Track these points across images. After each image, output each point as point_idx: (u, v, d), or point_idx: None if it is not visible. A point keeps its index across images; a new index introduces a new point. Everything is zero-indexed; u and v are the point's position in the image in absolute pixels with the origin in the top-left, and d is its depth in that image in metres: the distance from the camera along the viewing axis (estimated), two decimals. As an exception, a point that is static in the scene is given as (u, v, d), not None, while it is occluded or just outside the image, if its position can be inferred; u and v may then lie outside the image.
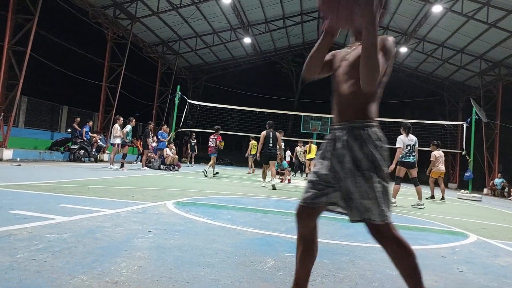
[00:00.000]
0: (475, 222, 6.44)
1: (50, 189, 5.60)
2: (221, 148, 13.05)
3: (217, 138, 12.74)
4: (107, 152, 16.12)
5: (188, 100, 17.57)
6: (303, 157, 16.10)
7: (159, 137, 14.41)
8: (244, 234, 3.66)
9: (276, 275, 2.49)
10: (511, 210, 10.14)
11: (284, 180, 12.50)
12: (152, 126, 14.83)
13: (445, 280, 2.74)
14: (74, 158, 14.02)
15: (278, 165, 12.55)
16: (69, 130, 16.61)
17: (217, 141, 12.74)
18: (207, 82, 28.55)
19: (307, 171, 15.70)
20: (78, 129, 14.74)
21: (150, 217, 4.12)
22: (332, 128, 1.88)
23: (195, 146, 20.47)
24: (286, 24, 22.66)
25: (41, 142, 15.09)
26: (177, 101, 16.28)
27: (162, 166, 13.92)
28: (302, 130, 23.63)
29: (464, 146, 14.71)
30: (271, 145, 9.99)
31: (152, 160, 14.34)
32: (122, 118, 12.61)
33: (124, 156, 12.36)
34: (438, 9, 16.36)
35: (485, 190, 19.48)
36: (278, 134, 10.23)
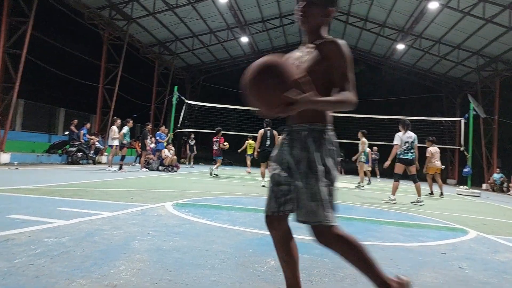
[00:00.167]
0: (475, 218, 6.44)
1: (48, 192, 5.58)
2: (225, 148, 13.16)
3: (219, 141, 12.82)
4: (105, 154, 16.09)
5: (185, 100, 17.54)
6: None
7: (157, 138, 14.39)
8: (244, 235, 3.64)
9: (276, 275, 2.47)
10: (511, 205, 10.15)
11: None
12: (150, 127, 14.80)
13: (445, 277, 2.74)
14: (72, 160, 13.98)
15: None
16: (66, 133, 16.55)
17: (220, 143, 12.81)
18: (205, 82, 28.51)
19: None
20: (76, 131, 14.70)
21: (149, 219, 4.11)
22: (290, 129, 1.88)
23: (194, 147, 20.46)
24: (283, 22, 22.65)
25: (38, 145, 15.05)
26: (174, 101, 16.25)
27: (160, 167, 13.89)
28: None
29: (462, 142, 14.73)
30: (269, 143, 10.10)
31: (150, 161, 14.31)
32: (119, 120, 12.58)
33: (122, 158, 12.34)
34: (434, 5, 16.38)
35: (484, 186, 19.51)
36: (276, 133, 10.29)
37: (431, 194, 10.95)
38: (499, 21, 16.02)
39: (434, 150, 11.11)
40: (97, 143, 15.56)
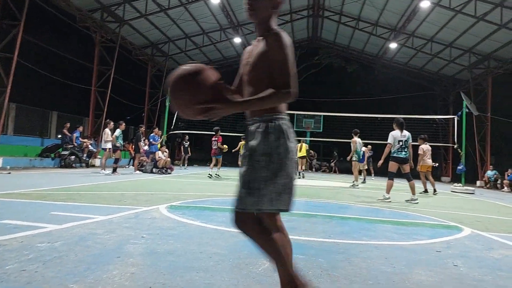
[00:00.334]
0: (469, 215, 6.48)
1: (41, 197, 5.53)
2: (224, 150, 13.33)
3: (218, 140, 12.90)
4: (99, 157, 15.99)
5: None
6: None
7: (151, 140, 14.32)
8: (238, 236, 3.61)
9: (271, 277, 2.46)
10: (505, 202, 10.22)
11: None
12: (143, 129, 14.71)
13: (440, 275, 2.74)
14: (65, 164, 13.87)
15: None
16: (59, 136, 16.44)
17: (218, 142, 12.88)
18: None
19: (299, 170, 15.82)
20: (68, 134, 14.59)
21: (143, 222, 4.08)
22: (246, 124, 1.91)
23: (189, 148, 20.40)
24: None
25: (31, 149, 14.91)
26: (168, 103, 16.19)
27: (154, 170, 13.83)
28: (295, 129, 23.66)
29: (456, 140, 14.81)
30: None
31: (144, 163, 14.24)
32: (112, 123, 12.50)
33: (116, 160, 12.25)
34: (426, 4, 16.45)
35: (478, 183, 19.64)
36: None
37: (425, 192, 10.99)
38: (491, 18, 16.13)
39: (426, 148, 11.18)
40: (90, 146, 15.45)
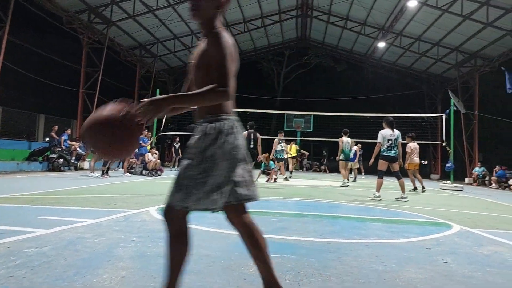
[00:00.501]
0: (458, 212, 6.55)
1: (29, 201, 5.45)
2: None
3: None
4: (87, 159, 15.81)
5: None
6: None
7: (141, 142, 14.21)
8: (229, 237, 3.61)
9: (262, 278, 2.45)
10: (493, 198, 10.36)
11: (270, 179, 12.51)
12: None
13: (430, 272, 2.76)
14: (53, 167, 13.68)
15: (265, 165, 12.64)
16: (47, 139, 16.20)
17: None
18: None
19: (290, 169, 15.83)
20: (56, 137, 14.41)
21: (133, 225, 4.04)
22: (194, 127, 1.91)
23: (179, 150, 20.30)
24: (265, 23, 22.68)
25: (18, 153, 14.68)
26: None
27: (144, 172, 13.73)
28: (285, 128, 23.70)
29: (444, 137, 14.97)
30: (252, 145, 10.38)
31: (134, 166, 14.13)
32: (101, 125, 12.35)
33: (105, 163, 12.13)
34: (413, 3, 16.63)
35: (466, 180, 19.88)
36: (259, 135, 10.63)
37: (415, 189, 11.10)
38: (477, 17, 16.36)
39: (413, 146, 11.30)
40: (78, 149, 15.26)
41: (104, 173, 11.68)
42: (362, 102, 27.41)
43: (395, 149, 8.31)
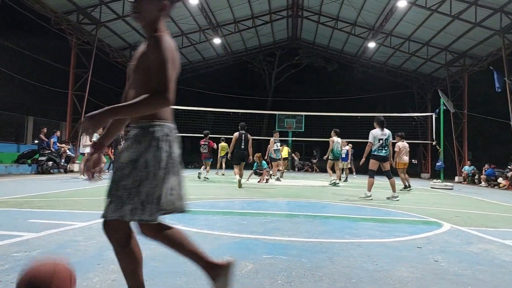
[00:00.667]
0: (448, 211, 6.60)
1: (17, 204, 5.37)
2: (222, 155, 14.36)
3: (209, 144, 13.13)
4: (77, 162, 15.67)
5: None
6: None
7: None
8: (221, 239, 3.60)
9: (254, 279, 2.45)
10: (482, 197, 10.47)
11: (262, 180, 12.50)
12: (122, 132, 14.46)
13: (421, 270, 2.78)
14: (42, 170, 13.51)
15: (257, 165, 12.63)
16: (36, 142, 16.02)
17: (210, 146, 13.12)
18: (179, 84, 27.56)
19: (280, 169, 15.77)
20: (45, 140, 14.23)
21: (124, 227, 3.99)
22: (127, 131, 1.89)
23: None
24: (255, 23, 22.67)
25: (6, 156, 14.48)
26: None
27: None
28: (277, 129, 23.71)
29: (434, 137, 15.10)
30: (243, 146, 10.36)
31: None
32: (91, 126, 12.24)
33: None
34: (403, 4, 16.76)
35: (456, 178, 20.07)
36: (250, 136, 10.58)
37: (405, 188, 11.18)
38: (465, 17, 16.54)
39: (402, 145, 11.40)
40: (68, 151, 15.10)
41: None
42: (353, 102, 27.57)
43: (386, 148, 8.36)
